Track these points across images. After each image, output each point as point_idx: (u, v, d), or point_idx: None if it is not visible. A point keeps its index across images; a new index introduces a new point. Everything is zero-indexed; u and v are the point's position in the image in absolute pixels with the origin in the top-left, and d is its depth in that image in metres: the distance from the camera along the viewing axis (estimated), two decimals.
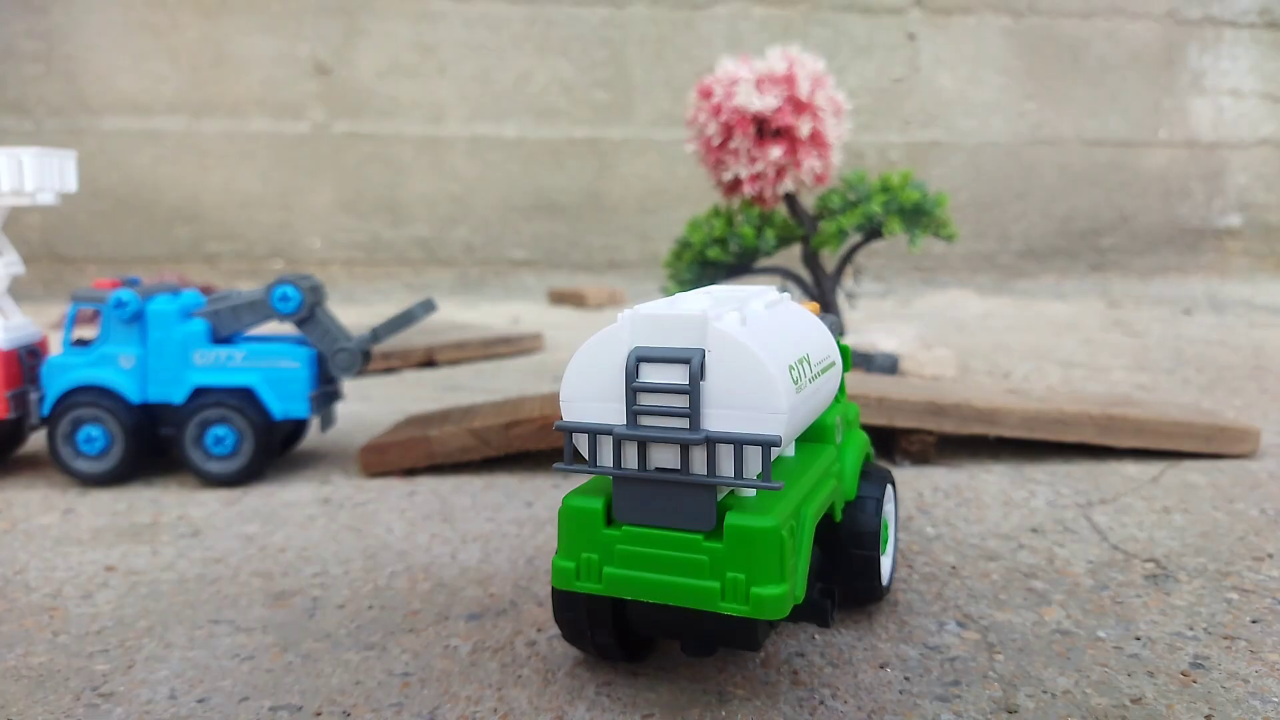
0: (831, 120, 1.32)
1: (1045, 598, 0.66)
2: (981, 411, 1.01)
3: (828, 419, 0.59)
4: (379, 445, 1.00)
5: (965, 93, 3.42)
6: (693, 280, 1.44)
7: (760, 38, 3.33)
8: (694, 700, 0.52)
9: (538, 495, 0.92)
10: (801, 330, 0.53)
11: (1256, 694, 0.53)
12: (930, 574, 0.70)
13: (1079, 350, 1.80)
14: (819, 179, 1.34)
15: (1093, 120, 3.48)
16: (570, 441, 0.48)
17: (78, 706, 0.52)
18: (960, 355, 1.72)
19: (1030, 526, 0.81)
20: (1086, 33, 3.44)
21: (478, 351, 1.85)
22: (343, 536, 0.80)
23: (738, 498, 0.47)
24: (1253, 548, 0.76)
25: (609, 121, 3.37)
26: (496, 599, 0.67)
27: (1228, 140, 3.56)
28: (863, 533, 0.60)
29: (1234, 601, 0.65)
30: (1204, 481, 0.94)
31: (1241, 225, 3.61)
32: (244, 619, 0.64)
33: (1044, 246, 3.49)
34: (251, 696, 0.54)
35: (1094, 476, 0.96)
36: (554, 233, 3.38)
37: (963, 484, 0.94)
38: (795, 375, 0.47)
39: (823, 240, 1.39)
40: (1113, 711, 0.51)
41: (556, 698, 0.53)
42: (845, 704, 0.52)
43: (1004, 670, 0.55)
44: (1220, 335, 1.99)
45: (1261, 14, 3.51)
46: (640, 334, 0.47)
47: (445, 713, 0.52)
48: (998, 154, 3.46)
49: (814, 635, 0.60)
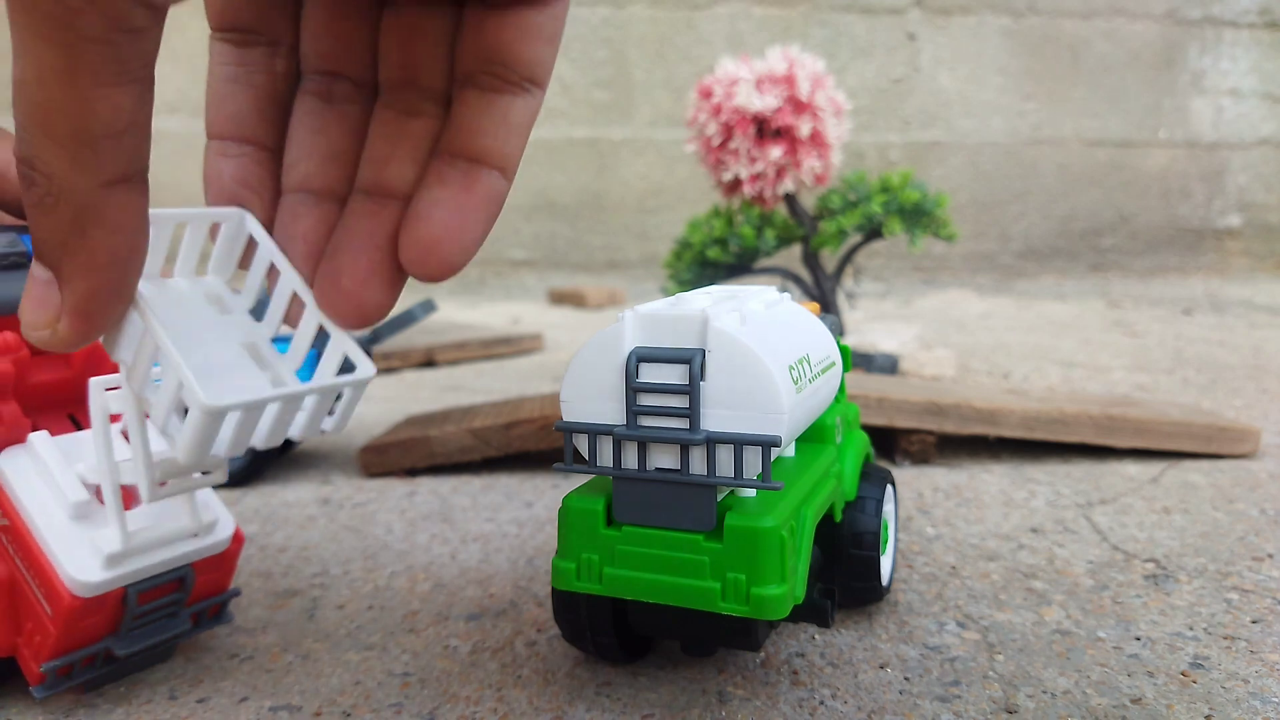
0: (831, 120, 1.32)
1: (1045, 598, 0.66)
2: (981, 412, 1.01)
3: (828, 419, 0.59)
4: (379, 445, 1.00)
5: (965, 93, 3.42)
6: (693, 280, 1.44)
7: (760, 38, 3.33)
8: (694, 700, 0.52)
9: (538, 495, 0.92)
10: (801, 330, 0.53)
11: (1257, 694, 0.53)
12: (930, 574, 0.70)
13: (1079, 350, 1.80)
14: (819, 179, 1.34)
15: (1093, 120, 3.48)
16: (570, 442, 0.48)
17: (78, 706, 0.52)
18: (960, 355, 1.72)
19: (1030, 527, 0.81)
20: (1086, 33, 3.44)
21: (478, 352, 1.85)
22: (342, 537, 0.80)
23: (738, 498, 0.47)
24: (1253, 548, 0.76)
25: (609, 121, 3.37)
26: (496, 599, 0.67)
27: (1228, 140, 3.56)
28: (863, 533, 0.60)
29: (1234, 602, 0.65)
30: (1204, 482, 0.94)
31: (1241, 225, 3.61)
32: (244, 619, 0.64)
33: (1044, 247, 3.49)
34: (251, 697, 0.54)
35: (1094, 477, 0.96)
36: (554, 233, 3.38)
37: (963, 484, 0.94)
38: (795, 375, 0.47)
39: (823, 240, 1.39)
40: (1113, 711, 0.51)
41: (556, 698, 0.53)
42: (845, 704, 0.52)
43: (1004, 670, 0.55)
44: (1220, 335, 1.99)
45: (1261, 14, 3.51)
46: (640, 334, 0.47)
47: (445, 713, 0.52)
48: (997, 154, 3.46)
49: (814, 635, 0.60)
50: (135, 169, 0.31)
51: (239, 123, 0.40)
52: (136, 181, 0.32)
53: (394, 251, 0.38)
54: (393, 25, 0.39)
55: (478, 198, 0.38)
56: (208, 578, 0.54)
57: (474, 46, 0.37)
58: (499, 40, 0.37)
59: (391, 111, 0.39)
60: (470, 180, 0.38)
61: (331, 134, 0.40)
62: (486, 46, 0.37)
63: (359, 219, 0.39)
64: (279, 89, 0.40)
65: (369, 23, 0.39)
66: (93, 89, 0.28)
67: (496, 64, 0.37)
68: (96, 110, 0.28)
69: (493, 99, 0.38)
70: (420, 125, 0.39)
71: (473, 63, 0.38)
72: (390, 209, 0.39)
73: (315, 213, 0.40)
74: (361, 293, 0.39)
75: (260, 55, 0.40)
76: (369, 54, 0.40)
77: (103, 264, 0.32)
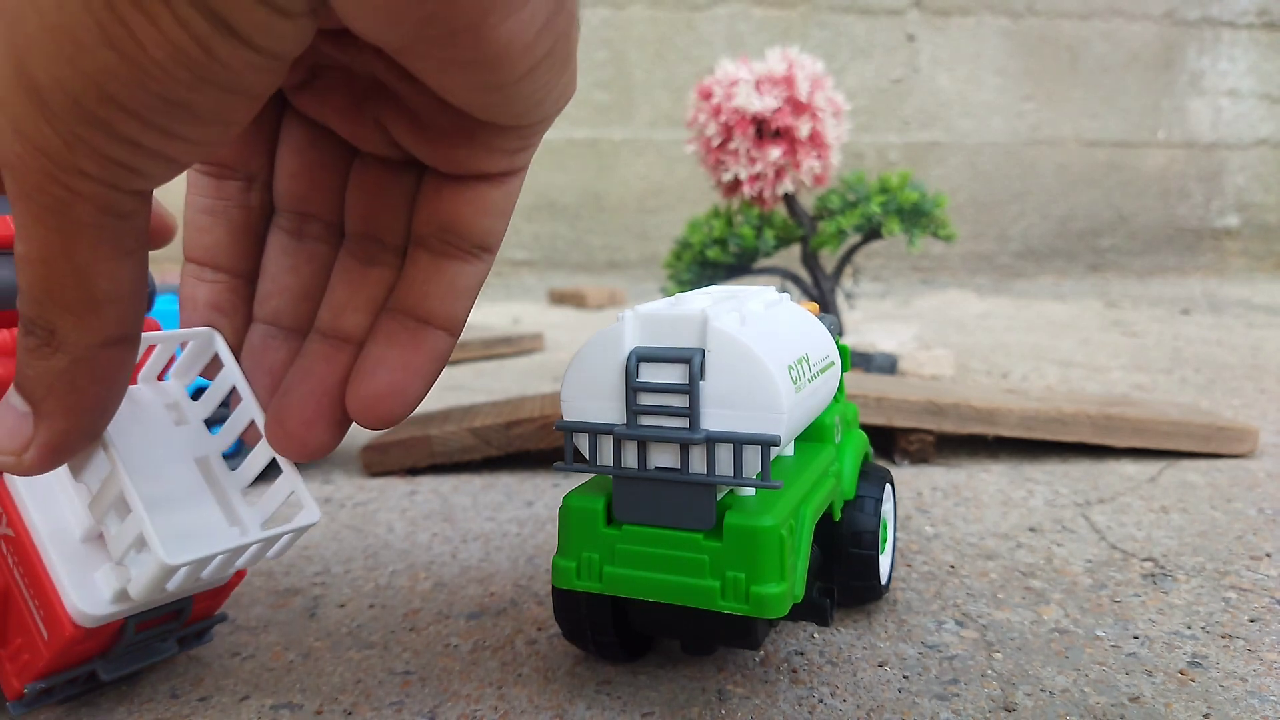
0: (830, 121, 1.32)
1: (1043, 597, 0.66)
2: (980, 411, 1.01)
3: (827, 419, 0.59)
4: (380, 445, 1.00)
5: (964, 93, 3.42)
6: (693, 280, 1.45)
7: (760, 39, 3.34)
8: (693, 698, 0.52)
9: (538, 494, 0.92)
10: (801, 330, 0.53)
11: (1254, 693, 0.53)
12: (929, 573, 0.71)
13: (1077, 350, 1.80)
14: (818, 180, 1.34)
15: (1091, 121, 3.48)
16: (570, 441, 0.48)
17: (79, 704, 0.52)
18: (959, 355, 1.72)
19: (1029, 526, 0.82)
20: (1085, 34, 3.44)
21: (478, 351, 1.85)
22: (344, 535, 0.81)
23: (737, 497, 0.47)
24: (1251, 547, 0.76)
25: (609, 122, 3.37)
26: (497, 598, 0.67)
27: (1226, 141, 3.56)
28: (861, 532, 0.60)
29: (1232, 600, 0.65)
30: (1202, 481, 0.94)
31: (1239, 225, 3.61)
32: (245, 617, 0.64)
33: (1042, 247, 3.49)
34: (252, 695, 0.54)
35: (1092, 476, 0.96)
36: (554, 233, 3.38)
37: (961, 483, 0.94)
38: (795, 375, 0.47)
39: (822, 241, 1.39)
40: (1111, 710, 0.51)
41: (557, 696, 0.53)
42: (844, 702, 0.52)
43: (1002, 669, 0.56)
44: (1218, 335, 1.99)
45: (1260, 15, 3.51)
46: (640, 334, 0.47)
47: (446, 711, 0.52)
48: (996, 154, 3.46)
49: (813, 634, 0.60)
50: (133, 330, 0.33)
51: (214, 252, 0.43)
52: (131, 341, 0.34)
53: (341, 398, 0.41)
54: (359, 179, 0.41)
55: (422, 357, 0.40)
56: (203, 605, 0.53)
57: (429, 212, 0.39)
58: (454, 211, 0.38)
59: (353, 260, 0.42)
60: (416, 340, 0.40)
61: (302, 272, 0.43)
62: (441, 215, 0.39)
63: (313, 361, 0.42)
64: (253, 221, 0.43)
65: (339, 172, 0.41)
66: (92, 265, 0.30)
67: (449, 232, 0.39)
68: (98, 282, 0.31)
69: (443, 264, 0.39)
70: (377, 275, 0.41)
71: (427, 227, 0.39)
72: (343, 354, 0.41)
73: (284, 348, 0.44)
74: (306, 434, 0.41)
75: (236, 189, 0.42)
76: (338, 200, 0.42)
77: (84, 409, 0.34)
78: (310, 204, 0.42)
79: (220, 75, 0.26)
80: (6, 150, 0.28)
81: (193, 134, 0.28)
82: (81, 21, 0.25)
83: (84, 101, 0.26)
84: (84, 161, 0.27)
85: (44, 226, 0.29)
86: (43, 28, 0.25)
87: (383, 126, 0.38)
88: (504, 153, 0.37)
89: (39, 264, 0.30)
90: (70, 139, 0.27)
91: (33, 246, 0.30)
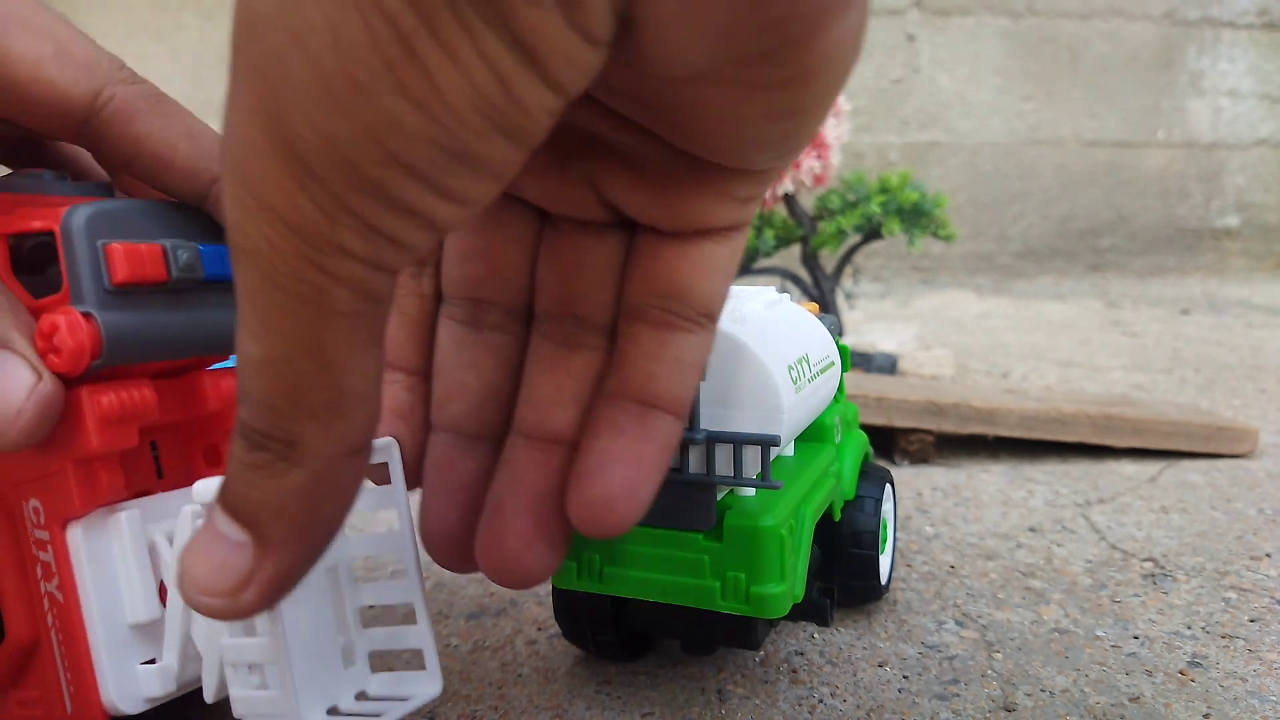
0: (830, 121, 1.32)
1: (1043, 597, 0.66)
2: (980, 411, 1.01)
3: (827, 419, 0.59)
4: None
5: (964, 94, 3.42)
6: None
7: None
8: (693, 698, 0.52)
9: None
10: (801, 330, 0.53)
11: (1254, 693, 0.53)
12: (929, 573, 0.71)
13: (1077, 350, 1.80)
14: (818, 180, 1.34)
15: (1091, 121, 3.48)
16: None
17: None
18: (958, 355, 1.72)
19: (1028, 526, 0.82)
20: (1085, 34, 3.45)
21: None
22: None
23: (737, 497, 0.47)
24: (1250, 547, 0.76)
25: None
26: (496, 598, 0.67)
27: (1226, 141, 3.56)
28: (861, 532, 0.60)
29: (1232, 600, 0.65)
30: (1202, 481, 0.94)
31: (1239, 226, 3.61)
32: None
33: (1042, 247, 3.50)
34: None
35: (1092, 476, 0.96)
36: None
37: (961, 483, 0.94)
38: (795, 375, 0.47)
39: (822, 241, 1.39)
40: (1111, 710, 0.51)
41: (556, 696, 0.53)
42: (844, 702, 0.52)
43: (1002, 669, 0.56)
44: (1218, 335, 1.99)
45: (1260, 15, 3.52)
46: None
47: (445, 710, 0.52)
48: (996, 154, 3.46)
49: (813, 634, 0.60)
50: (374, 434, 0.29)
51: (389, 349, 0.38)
52: (370, 448, 0.30)
53: (560, 508, 0.35)
54: (554, 250, 0.36)
55: (653, 447, 0.34)
56: None
57: (646, 279, 0.34)
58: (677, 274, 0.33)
59: (550, 344, 0.36)
60: (645, 428, 0.34)
61: (483, 368, 0.37)
62: (663, 280, 0.34)
63: (522, 469, 0.36)
64: (426, 311, 0.38)
65: (524, 246, 0.36)
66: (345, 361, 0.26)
67: (673, 299, 0.34)
68: (350, 381, 0.27)
69: (667, 337, 0.34)
70: (583, 361, 0.36)
71: (645, 295, 0.34)
72: (554, 458, 0.36)
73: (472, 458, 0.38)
74: (526, 555, 0.35)
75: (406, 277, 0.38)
76: (523, 280, 0.37)
77: (320, 531, 0.30)
78: (488, 288, 0.37)
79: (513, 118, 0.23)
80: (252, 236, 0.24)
81: (469, 192, 0.24)
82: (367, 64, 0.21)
83: (359, 161, 0.22)
84: (347, 237, 0.23)
85: (292, 320, 0.25)
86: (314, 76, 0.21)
87: (594, 185, 0.33)
88: (737, 202, 0.32)
89: (282, 365, 0.26)
90: (332, 210, 0.23)
91: (274, 346, 0.25)
